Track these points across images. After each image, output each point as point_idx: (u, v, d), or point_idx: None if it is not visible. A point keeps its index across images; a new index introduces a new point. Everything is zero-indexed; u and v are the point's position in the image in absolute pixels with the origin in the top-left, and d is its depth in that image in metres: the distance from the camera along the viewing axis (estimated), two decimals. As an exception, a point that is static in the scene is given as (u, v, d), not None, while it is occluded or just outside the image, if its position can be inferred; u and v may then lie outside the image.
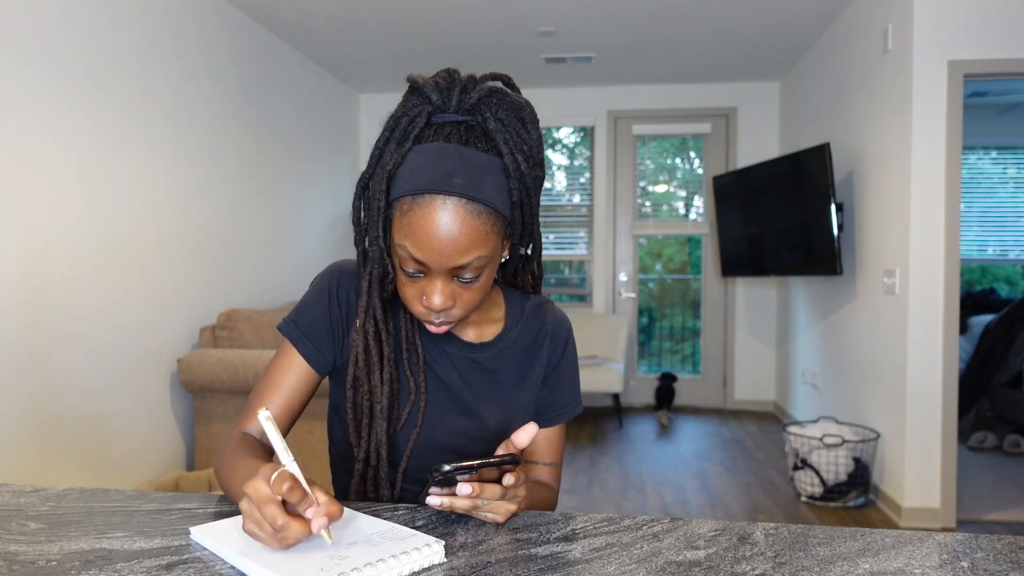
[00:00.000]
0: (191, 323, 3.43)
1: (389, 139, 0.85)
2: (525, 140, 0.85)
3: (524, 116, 0.86)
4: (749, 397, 5.49)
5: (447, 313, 0.88)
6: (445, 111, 0.84)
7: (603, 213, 5.59)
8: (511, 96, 0.86)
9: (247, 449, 0.88)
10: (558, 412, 1.06)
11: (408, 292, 0.88)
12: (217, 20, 3.65)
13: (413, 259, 0.83)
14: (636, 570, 0.70)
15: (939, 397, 3.03)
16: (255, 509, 0.67)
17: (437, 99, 0.83)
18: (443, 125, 0.83)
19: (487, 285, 0.89)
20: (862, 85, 3.62)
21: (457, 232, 0.81)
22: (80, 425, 2.73)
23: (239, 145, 3.87)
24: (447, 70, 0.86)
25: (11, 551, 0.73)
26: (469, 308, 0.89)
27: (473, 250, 0.82)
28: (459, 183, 0.80)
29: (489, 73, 0.88)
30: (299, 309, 0.99)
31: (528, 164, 0.85)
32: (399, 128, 0.84)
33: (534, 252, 0.98)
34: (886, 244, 3.29)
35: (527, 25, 4.12)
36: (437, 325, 0.90)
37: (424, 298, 0.86)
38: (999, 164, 6.12)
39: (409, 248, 0.82)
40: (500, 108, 0.84)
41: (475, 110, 0.83)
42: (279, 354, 0.98)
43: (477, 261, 0.83)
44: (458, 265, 0.83)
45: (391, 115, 0.86)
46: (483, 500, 0.79)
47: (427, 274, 0.85)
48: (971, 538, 0.79)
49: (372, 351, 0.93)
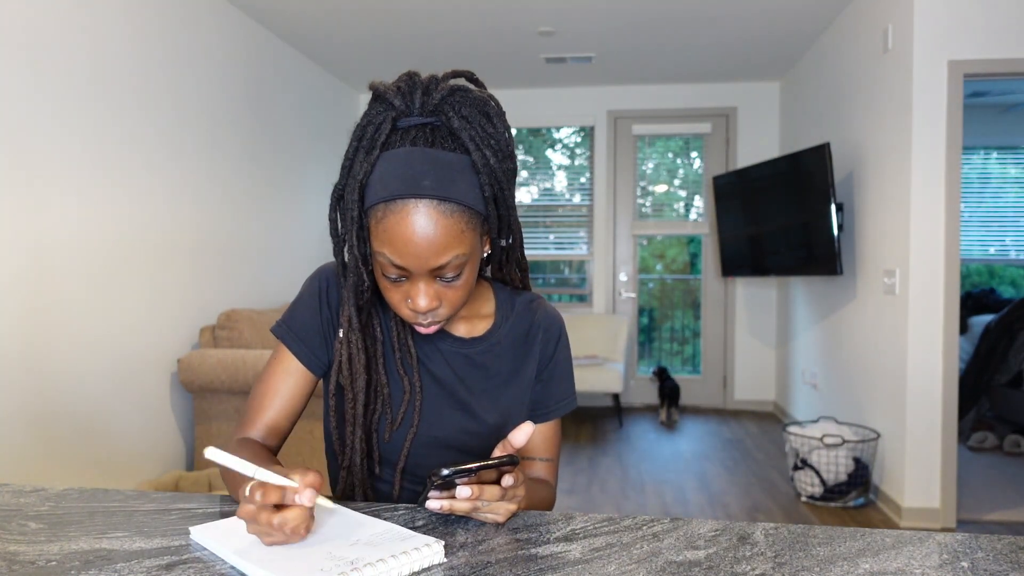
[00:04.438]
0: (191, 323, 3.43)
1: (358, 149, 0.85)
2: (491, 135, 0.85)
3: (488, 111, 0.86)
4: (749, 397, 5.49)
5: (434, 313, 0.89)
6: (409, 115, 0.84)
7: (603, 213, 5.59)
8: (473, 92, 0.86)
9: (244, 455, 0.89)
10: (553, 407, 1.07)
11: (393, 297, 0.89)
12: (216, 20, 3.65)
13: (393, 264, 0.84)
14: (636, 570, 0.70)
15: (939, 397, 3.03)
16: (255, 524, 0.70)
17: (400, 104, 0.84)
18: (408, 129, 0.84)
19: (471, 282, 0.90)
20: (862, 85, 3.62)
21: (432, 234, 0.82)
22: (80, 425, 2.73)
23: (239, 145, 3.87)
24: (408, 73, 0.87)
25: (11, 551, 0.73)
26: (456, 306, 0.90)
27: (450, 249, 0.83)
28: (428, 185, 0.81)
29: (451, 71, 0.89)
30: (291, 312, 1.00)
31: (497, 158, 0.85)
32: (366, 137, 0.85)
33: (514, 244, 0.98)
34: (886, 244, 3.29)
35: (527, 25, 4.12)
36: (426, 326, 0.91)
37: (409, 301, 0.87)
38: (1000, 164, 6.12)
39: (388, 254, 0.83)
40: (463, 105, 0.84)
41: (438, 110, 0.84)
42: (274, 357, 0.99)
43: (456, 260, 0.84)
44: (438, 266, 0.84)
45: (357, 125, 0.86)
46: (483, 501, 0.79)
47: (409, 277, 0.86)
48: (971, 538, 0.79)
49: (354, 359, 0.94)
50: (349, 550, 0.71)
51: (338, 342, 0.95)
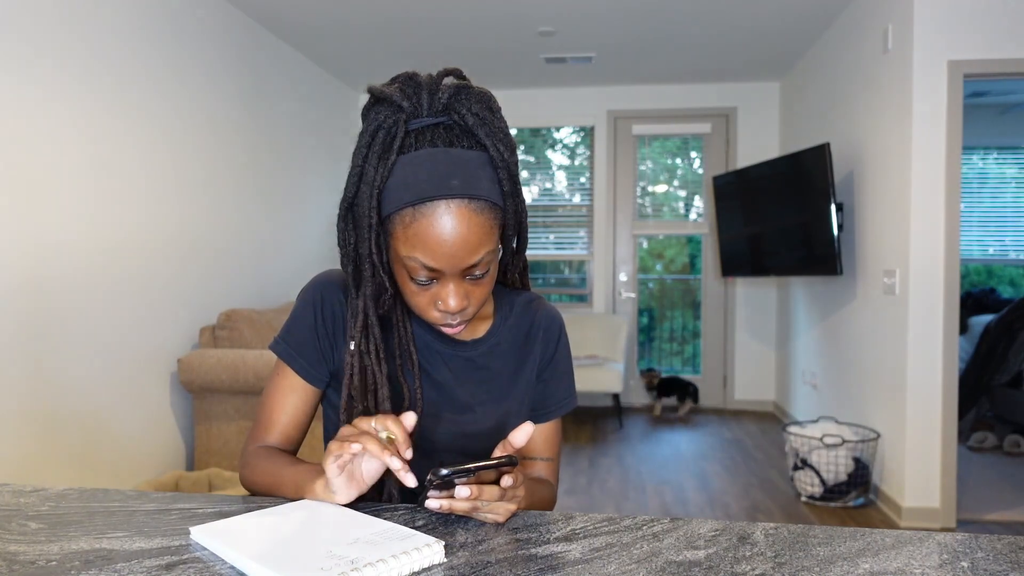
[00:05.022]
0: (191, 323, 3.43)
1: (368, 154, 0.83)
2: (500, 128, 0.86)
3: (492, 105, 0.86)
4: (749, 397, 5.49)
5: (463, 313, 0.89)
6: (419, 115, 0.83)
7: (603, 213, 5.59)
8: (475, 88, 0.86)
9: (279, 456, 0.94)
10: (553, 407, 1.07)
11: (421, 301, 0.88)
12: (216, 20, 3.65)
13: (425, 268, 0.83)
14: (636, 570, 0.70)
15: (939, 397, 3.03)
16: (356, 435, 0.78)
17: (408, 106, 0.83)
18: (423, 130, 0.83)
19: (494, 277, 0.90)
20: (862, 85, 3.62)
21: (466, 233, 0.81)
22: (80, 425, 2.73)
23: (239, 145, 3.87)
24: (406, 74, 0.85)
25: (11, 551, 0.73)
26: (481, 303, 0.90)
27: (482, 247, 0.83)
28: (457, 184, 0.81)
29: (443, 70, 0.88)
30: (288, 327, 0.99)
31: (509, 151, 0.86)
32: (377, 141, 0.83)
33: (522, 240, 0.98)
34: (886, 244, 3.29)
35: (527, 25, 4.12)
36: (454, 327, 0.90)
37: (440, 303, 0.87)
38: (1000, 165, 6.12)
39: (420, 258, 0.82)
40: (471, 102, 0.84)
41: (449, 108, 0.83)
42: (276, 375, 0.99)
43: (487, 257, 0.85)
44: (470, 264, 0.83)
45: (364, 130, 0.84)
46: (482, 501, 0.79)
47: (439, 279, 0.85)
48: (971, 538, 0.79)
49: (373, 371, 0.92)
50: (349, 549, 0.71)
51: (348, 354, 0.93)
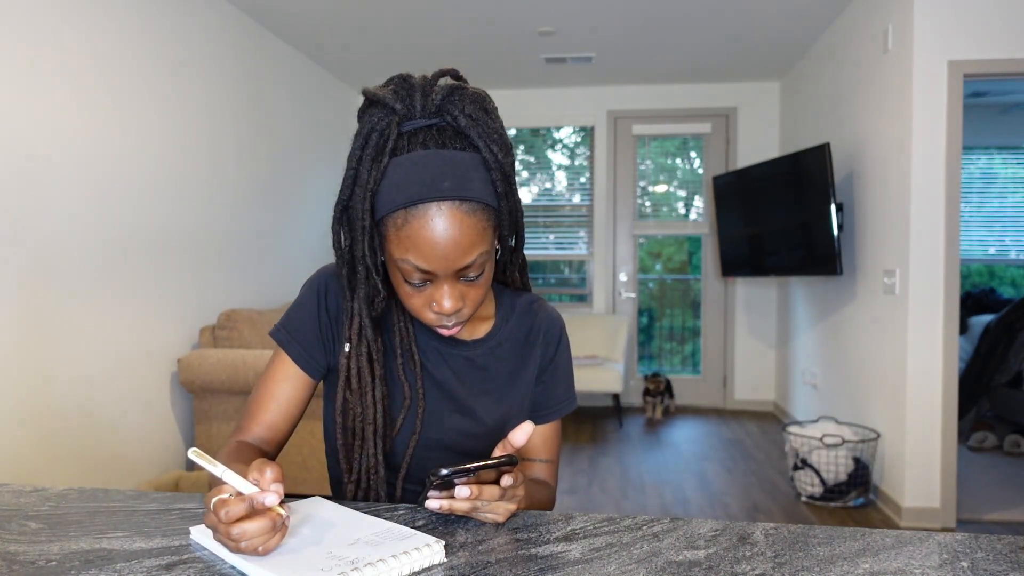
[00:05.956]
0: (191, 323, 3.42)
1: (361, 157, 0.83)
2: (495, 130, 0.85)
3: (487, 106, 0.86)
4: (749, 397, 5.49)
5: (459, 314, 0.89)
6: (412, 117, 0.83)
7: (603, 213, 5.59)
8: (470, 89, 0.86)
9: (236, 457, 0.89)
10: (553, 408, 1.07)
11: (416, 302, 0.88)
12: (216, 19, 3.65)
13: (418, 270, 0.83)
14: (636, 570, 0.70)
15: (939, 397, 3.03)
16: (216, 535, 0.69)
17: (401, 108, 0.83)
18: (415, 132, 0.83)
19: (490, 278, 0.90)
20: (862, 85, 3.62)
21: (458, 235, 0.81)
22: (80, 425, 2.73)
23: (238, 144, 3.87)
24: (400, 76, 0.86)
25: (11, 551, 0.73)
26: (477, 304, 0.90)
27: (475, 248, 0.83)
28: (448, 186, 0.81)
29: (439, 70, 0.88)
30: (289, 315, 0.99)
31: (503, 152, 0.85)
32: (370, 144, 0.83)
33: (519, 241, 0.98)
34: (886, 244, 3.29)
35: (527, 25, 4.12)
36: (450, 328, 0.90)
37: (434, 304, 0.87)
38: (1000, 165, 6.12)
39: (413, 260, 0.82)
40: (465, 103, 0.84)
41: (442, 110, 0.83)
42: (273, 361, 0.99)
43: (480, 258, 0.85)
44: (464, 266, 0.83)
45: (358, 132, 0.84)
46: (482, 501, 0.79)
47: (433, 281, 0.85)
48: (971, 538, 0.79)
49: (365, 373, 0.93)
50: (349, 550, 0.71)
51: (344, 356, 0.93)
